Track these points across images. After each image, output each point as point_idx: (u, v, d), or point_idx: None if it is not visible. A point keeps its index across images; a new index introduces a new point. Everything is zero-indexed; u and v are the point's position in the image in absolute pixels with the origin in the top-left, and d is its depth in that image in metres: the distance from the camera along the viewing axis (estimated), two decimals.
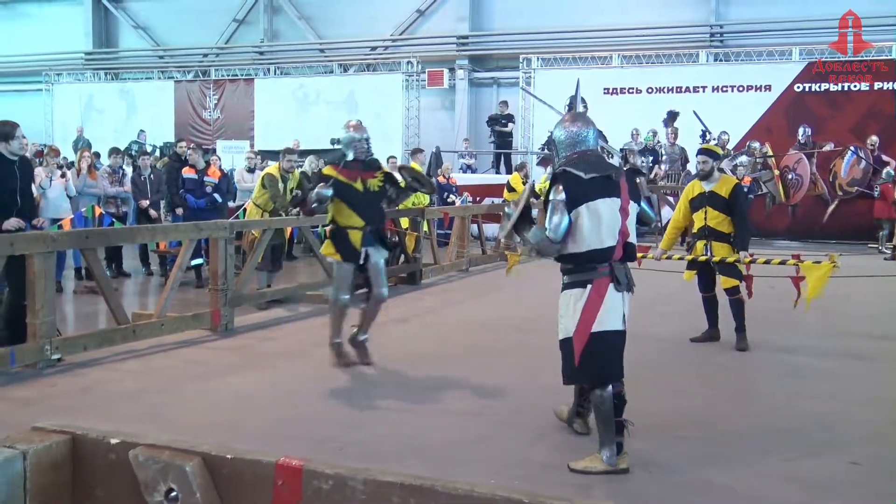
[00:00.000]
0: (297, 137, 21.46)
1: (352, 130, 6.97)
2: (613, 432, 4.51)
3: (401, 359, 7.10)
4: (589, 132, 4.77)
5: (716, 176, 7.68)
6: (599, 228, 4.53)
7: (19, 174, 6.87)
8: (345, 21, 24.86)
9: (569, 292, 4.58)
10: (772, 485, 4.36)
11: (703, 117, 18.10)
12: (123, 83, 26.50)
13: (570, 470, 4.49)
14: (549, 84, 20.81)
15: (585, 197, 4.52)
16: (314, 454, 4.42)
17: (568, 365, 4.58)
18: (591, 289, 4.48)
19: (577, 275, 4.55)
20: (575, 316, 4.50)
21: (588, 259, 4.52)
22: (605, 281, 4.50)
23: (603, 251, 4.53)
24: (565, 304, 4.60)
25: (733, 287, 7.60)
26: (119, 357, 6.97)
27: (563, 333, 4.59)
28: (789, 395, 6.15)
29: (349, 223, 6.68)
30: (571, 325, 4.51)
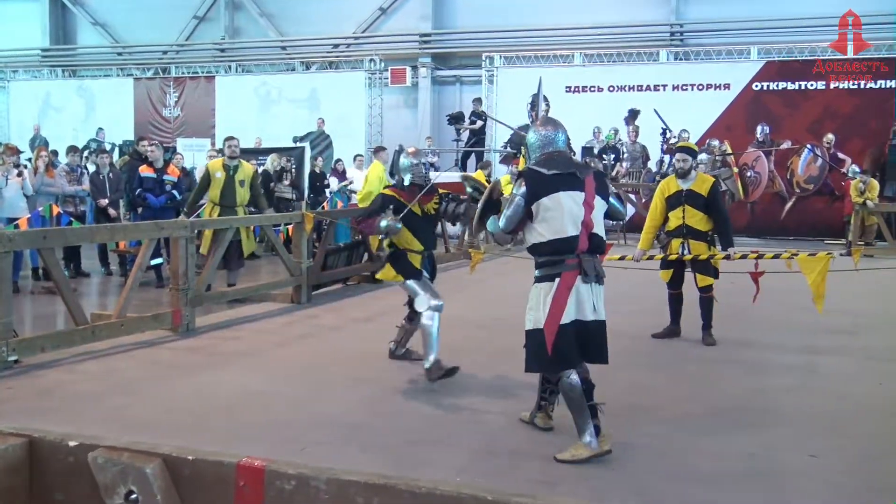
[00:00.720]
0: (259, 135, 21.34)
1: (411, 156, 6.81)
2: (588, 416, 4.62)
3: (364, 358, 7.07)
4: (558, 135, 4.96)
5: (693, 174, 7.74)
6: (562, 218, 4.68)
7: None
8: (307, 18, 24.74)
9: (539, 285, 4.71)
10: (733, 479, 4.41)
11: (664, 115, 18.29)
12: (81, 80, 26.14)
13: (557, 461, 4.56)
14: (512, 82, 20.93)
15: (546, 190, 4.71)
16: (277, 455, 4.40)
17: (537, 355, 4.67)
18: (560, 281, 4.61)
19: (547, 268, 4.69)
20: (545, 308, 4.61)
21: (554, 250, 4.66)
22: (573, 274, 4.62)
23: (567, 240, 4.66)
24: (535, 296, 4.72)
25: (708, 285, 7.69)
26: (78, 358, 6.86)
27: (532, 324, 4.69)
28: (750, 390, 6.23)
29: (410, 247, 6.60)
30: (541, 316, 4.62)
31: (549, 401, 5.11)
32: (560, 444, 4.77)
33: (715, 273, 7.71)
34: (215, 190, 10.55)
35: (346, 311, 9.51)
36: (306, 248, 10.00)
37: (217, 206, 10.56)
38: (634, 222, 16.20)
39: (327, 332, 8.28)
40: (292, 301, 9.76)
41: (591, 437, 4.60)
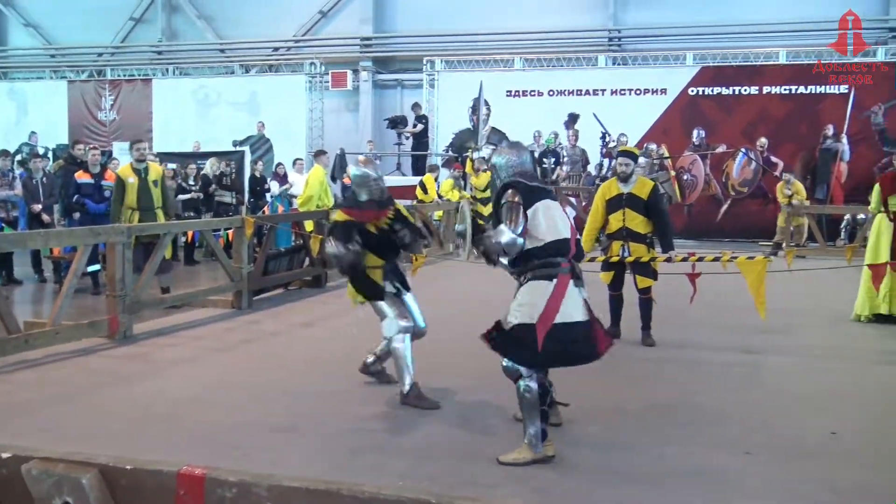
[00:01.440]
0: (198, 139, 21.07)
1: (363, 166, 6.22)
2: (539, 420, 4.68)
3: (306, 364, 7.05)
4: (524, 158, 5.15)
5: (633, 178, 7.86)
6: (555, 222, 4.85)
7: None
8: (246, 21, 24.50)
9: (535, 283, 4.75)
10: (672, 477, 4.50)
11: (603, 119, 18.56)
12: (13, 83, 25.48)
13: (499, 463, 4.61)
14: (453, 86, 21.03)
15: (535, 197, 4.87)
16: (218, 462, 4.36)
17: (526, 349, 4.68)
18: (557, 283, 4.70)
19: (542, 270, 4.76)
20: (539, 304, 4.65)
21: (550, 252, 4.77)
22: (567, 277, 4.74)
23: (562, 242, 4.81)
24: (529, 292, 4.74)
25: (647, 287, 7.83)
26: (10, 368, 6.70)
27: (523, 319, 4.68)
28: (688, 389, 6.35)
29: (368, 263, 6.08)
30: (535, 312, 4.64)
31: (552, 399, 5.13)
32: (501, 446, 4.81)
33: (654, 275, 7.85)
34: (131, 195, 10.33)
35: (287, 316, 9.46)
36: (247, 252, 9.91)
37: (136, 211, 10.33)
38: (576, 225, 16.37)
39: (268, 338, 8.22)
40: (233, 306, 9.67)
41: (537, 441, 4.66)
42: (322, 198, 13.37)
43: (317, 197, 13.31)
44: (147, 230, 9.51)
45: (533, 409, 4.70)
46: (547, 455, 4.66)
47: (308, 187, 13.38)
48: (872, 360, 7.49)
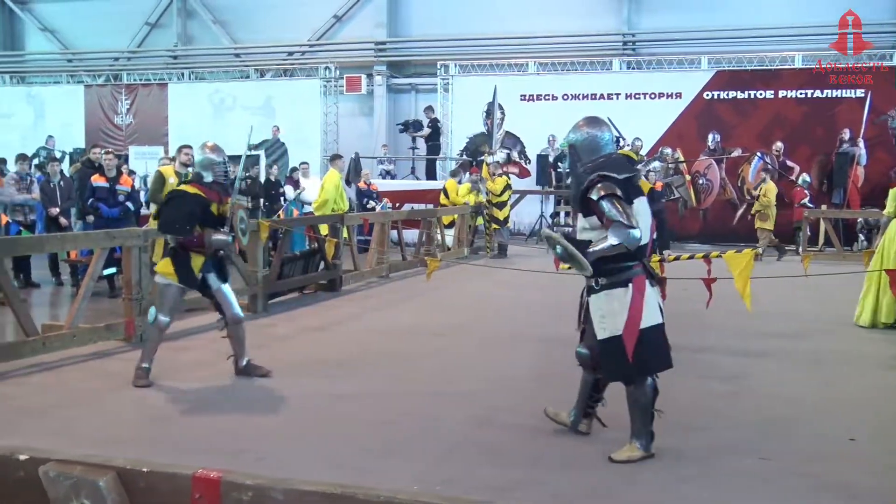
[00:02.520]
0: (215, 142, 21.13)
1: (209, 152, 6.58)
2: (651, 422, 4.68)
3: (319, 367, 7.05)
4: (607, 135, 4.84)
5: None
6: (642, 224, 4.62)
7: None
8: (261, 26, 24.61)
9: (610, 292, 4.61)
10: (684, 481, 4.47)
11: (617, 124, 18.51)
12: (30, 87, 25.67)
13: (611, 461, 4.62)
14: (467, 90, 21.05)
15: (627, 196, 4.61)
16: (232, 466, 4.36)
17: (617, 362, 4.62)
18: (634, 287, 4.57)
19: (615, 275, 4.60)
20: (622, 314, 4.55)
21: (628, 257, 4.58)
22: (643, 279, 4.62)
23: (644, 247, 4.66)
24: (607, 303, 4.62)
25: None
26: (28, 370, 6.74)
27: (609, 332, 4.60)
28: (700, 393, 6.32)
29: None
30: (619, 323, 4.55)
31: (594, 409, 5.13)
32: (518, 449, 4.80)
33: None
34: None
35: (301, 319, 9.47)
36: (262, 256, 9.94)
37: None
38: None
39: (282, 342, 8.23)
40: (248, 310, 9.66)
41: (647, 441, 4.68)
42: (337, 202, 13.41)
43: (332, 201, 13.36)
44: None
45: (646, 411, 4.67)
46: (650, 453, 4.67)
47: (324, 191, 13.42)
48: (887, 366, 7.43)
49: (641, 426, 4.69)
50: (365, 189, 17.63)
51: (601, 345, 4.69)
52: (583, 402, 5.14)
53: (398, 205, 18.01)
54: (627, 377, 4.69)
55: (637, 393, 4.69)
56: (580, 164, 4.78)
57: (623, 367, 4.62)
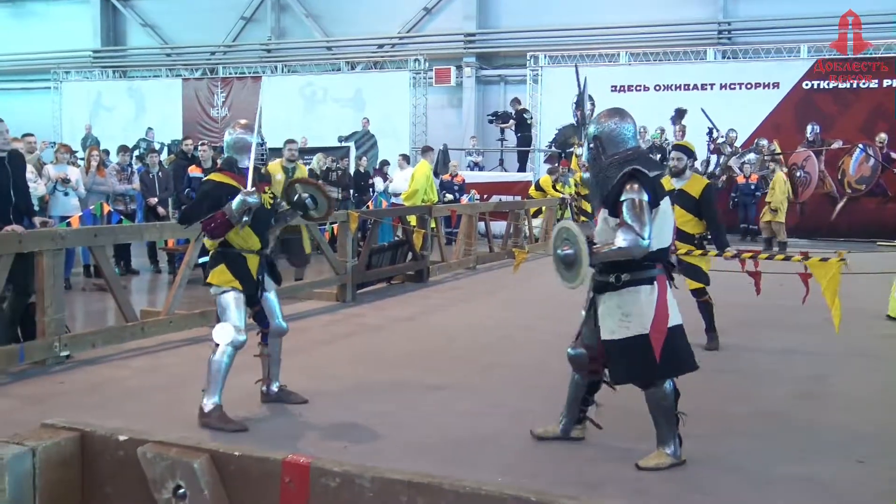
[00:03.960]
0: (305, 135, 21.49)
1: (241, 131, 5.48)
2: (675, 425, 4.50)
3: (408, 357, 7.09)
4: (630, 127, 4.63)
5: (687, 174, 7.52)
6: (667, 226, 4.50)
7: (10, 170, 6.84)
8: (352, 19, 24.88)
9: (634, 289, 4.40)
10: (777, 484, 4.34)
11: (711, 115, 18.08)
12: (131, 81, 26.60)
13: (638, 469, 4.43)
14: (557, 82, 20.85)
15: (656, 196, 4.42)
16: (322, 452, 4.42)
17: (641, 363, 4.40)
18: (658, 286, 4.41)
19: (638, 272, 4.40)
20: (649, 312, 4.37)
21: (652, 258, 4.41)
22: (664, 278, 4.47)
23: (667, 249, 4.53)
24: (632, 300, 4.41)
25: (699, 289, 7.40)
26: (127, 354, 6.97)
27: (633, 331, 4.39)
28: (795, 395, 6.12)
29: (246, 245, 5.42)
30: (646, 321, 4.36)
31: (585, 413, 4.93)
32: (603, 443, 4.74)
33: (705, 278, 7.37)
34: (277, 191, 10.68)
35: (389, 309, 9.53)
36: (351, 247, 10.04)
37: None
38: None
39: (371, 331, 8.30)
40: (337, 300, 9.81)
41: (676, 446, 4.48)
42: (427, 192, 13.44)
43: (422, 191, 13.39)
44: None
45: (669, 414, 4.48)
46: (682, 459, 4.47)
47: (414, 182, 13.47)
48: None
49: (667, 431, 4.48)
50: (448, 181, 17.61)
51: (620, 344, 4.43)
52: (575, 408, 4.91)
53: (486, 196, 17.97)
54: (649, 378, 4.47)
55: (658, 396, 4.47)
56: (605, 157, 4.55)
57: (648, 367, 4.39)
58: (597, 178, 4.63)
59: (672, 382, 4.51)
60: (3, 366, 6.26)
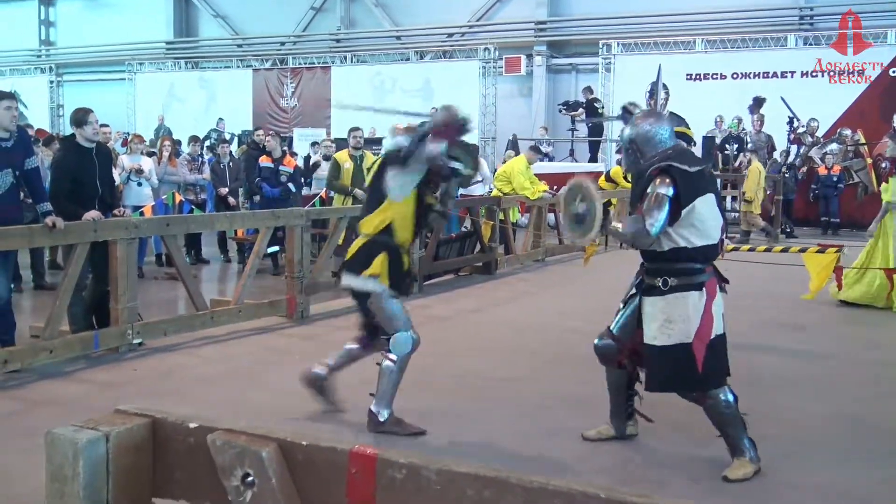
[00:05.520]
0: (374, 125, 21.55)
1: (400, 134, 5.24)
2: (745, 430, 4.31)
3: (476, 349, 7.03)
4: (667, 128, 4.54)
5: None
6: (712, 222, 4.34)
7: (98, 161, 6.95)
8: (421, 8, 24.85)
9: (682, 294, 4.25)
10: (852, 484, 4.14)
11: (791, 103, 17.52)
12: (203, 72, 27.00)
13: (727, 481, 4.23)
14: (630, 70, 20.44)
15: (697, 191, 4.28)
16: (388, 443, 4.40)
17: (683, 372, 4.25)
18: (707, 291, 4.25)
19: (686, 276, 4.27)
20: (695, 320, 4.21)
21: (701, 257, 4.28)
22: (714, 283, 4.30)
23: (714, 247, 4.35)
24: (678, 306, 4.26)
25: None
26: (197, 343, 7.05)
27: (676, 339, 4.25)
28: (872, 393, 5.90)
29: (405, 238, 5.04)
30: (690, 330, 4.21)
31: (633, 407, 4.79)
32: (667, 440, 4.60)
33: None
34: (346, 180, 10.79)
35: (456, 301, 9.48)
36: (419, 237, 9.99)
37: (349, 197, 10.81)
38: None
39: (438, 323, 8.25)
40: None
41: (753, 451, 4.30)
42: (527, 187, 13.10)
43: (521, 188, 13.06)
44: (323, 214, 9.86)
45: (736, 421, 4.29)
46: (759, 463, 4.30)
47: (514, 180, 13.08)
48: None
49: (739, 439, 4.28)
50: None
51: (660, 351, 4.27)
52: (621, 406, 4.76)
53: (556, 187, 17.76)
54: (689, 389, 4.31)
55: (719, 408, 4.27)
56: (643, 160, 4.44)
57: (689, 377, 4.23)
58: (637, 181, 4.55)
59: (729, 389, 4.30)
60: (79, 352, 6.40)
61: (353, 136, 11.05)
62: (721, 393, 4.27)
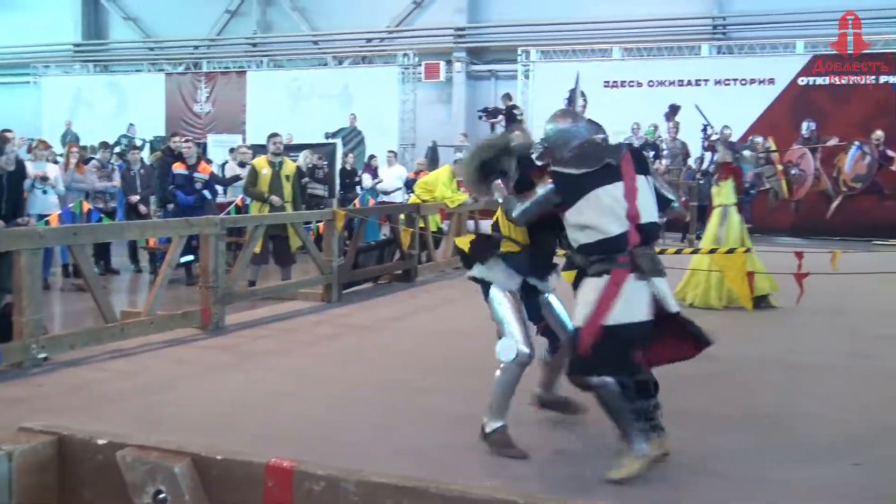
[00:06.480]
0: (291, 131, 21.27)
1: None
2: (632, 422, 4.25)
3: (396, 358, 6.94)
4: (579, 128, 4.63)
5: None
6: (603, 218, 4.32)
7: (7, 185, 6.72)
8: (340, 12, 24.67)
9: (588, 280, 4.37)
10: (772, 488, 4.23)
11: (706, 111, 17.96)
12: (113, 76, 26.30)
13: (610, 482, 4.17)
14: (549, 77, 20.67)
15: (580, 191, 4.36)
16: (306, 456, 4.28)
17: (574, 357, 4.33)
18: (609, 279, 4.27)
19: (597, 265, 4.34)
20: (592, 306, 4.26)
21: (603, 249, 4.31)
22: (623, 272, 4.27)
23: (614, 240, 4.30)
24: (584, 291, 4.38)
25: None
26: (107, 356, 6.78)
27: (577, 322, 4.35)
28: (789, 396, 5.99)
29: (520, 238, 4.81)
30: (586, 315, 4.27)
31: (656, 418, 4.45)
32: (591, 449, 4.62)
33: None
34: (263, 187, 10.65)
35: (376, 310, 9.38)
36: (337, 246, 9.88)
37: (266, 204, 10.68)
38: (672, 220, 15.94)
39: (358, 332, 8.14)
40: (322, 300, 9.63)
41: (640, 442, 4.23)
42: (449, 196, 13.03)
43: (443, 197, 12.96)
44: (238, 222, 9.72)
45: (618, 409, 4.23)
46: (659, 454, 4.25)
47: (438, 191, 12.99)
48: None
49: (627, 431, 4.25)
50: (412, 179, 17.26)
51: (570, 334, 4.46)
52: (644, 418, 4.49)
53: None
54: (575, 373, 4.34)
55: (601, 394, 4.25)
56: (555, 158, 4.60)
57: (576, 362, 4.31)
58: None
59: (620, 380, 4.20)
60: None
61: (273, 142, 10.90)
62: (606, 383, 4.21)
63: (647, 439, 4.25)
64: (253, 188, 10.87)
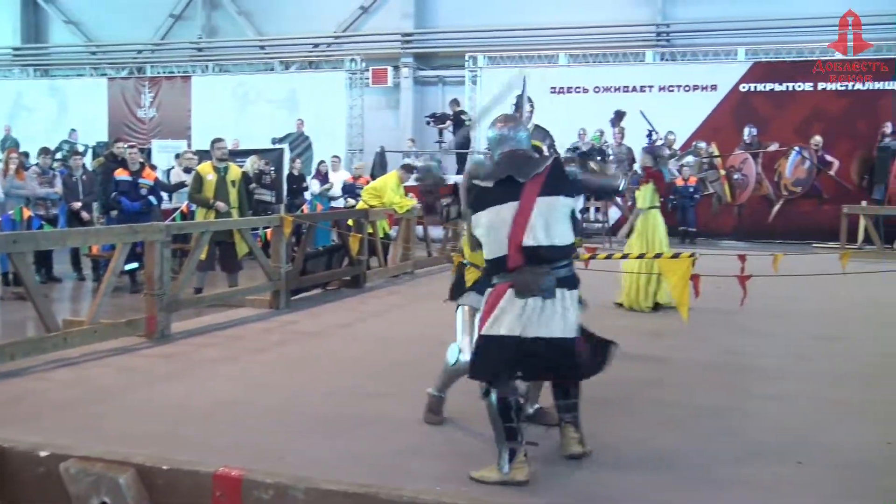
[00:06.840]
0: (237, 137, 21.04)
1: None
2: (504, 438, 4.26)
3: (345, 365, 6.92)
4: (518, 133, 4.62)
5: None
6: (491, 237, 4.40)
7: None
8: (286, 17, 24.47)
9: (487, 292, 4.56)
10: (718, 485, 4.30)
11: (650, 117, 18.20)
12: (54, 80, 25.76)
13: (470, 479, 4.25)
14: (496, 82, 20.74)
15: (480, 204, 4.48)
16: (254, 464, 4.26)
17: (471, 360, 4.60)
18: (492, 292, 4.43)
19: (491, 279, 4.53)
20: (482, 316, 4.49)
21: (491, 264, 4.47)
22: (504, 287, 4.34)
23: (497, 261, 4.40)
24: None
25: None
26: (49, 366, 6.63)
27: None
28: (733, 396, 6.09)
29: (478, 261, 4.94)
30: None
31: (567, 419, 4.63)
32: (543, 453, 4.63)
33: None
34: (208, 192, 10.54)
35: (325, 316, 9.33)
36: (285, 252, 9.81)
37: (211, 210, 10.56)
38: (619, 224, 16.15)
39: (306, 339, 8.09)
40: (270, 306, 9.55)
41: (505, 462, 4.23)
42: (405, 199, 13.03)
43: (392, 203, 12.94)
44: (184, 228, 9.59)
45: (495, 422, 4.30)
46: (515, 479, 4.19)
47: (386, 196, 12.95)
48: None
49: (498, 443, 4.29)
50: (350, 184, 17.24)
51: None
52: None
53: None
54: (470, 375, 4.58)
55: (487, 406, 4.36)
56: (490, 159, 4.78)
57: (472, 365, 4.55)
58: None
59: (497, 396, 4.27)
60: None
61: (217, 148, 10.80)
62: (488, 392, 4.32)
63: (512, 460, 4.22)
64: (198, 194, 10.75)
